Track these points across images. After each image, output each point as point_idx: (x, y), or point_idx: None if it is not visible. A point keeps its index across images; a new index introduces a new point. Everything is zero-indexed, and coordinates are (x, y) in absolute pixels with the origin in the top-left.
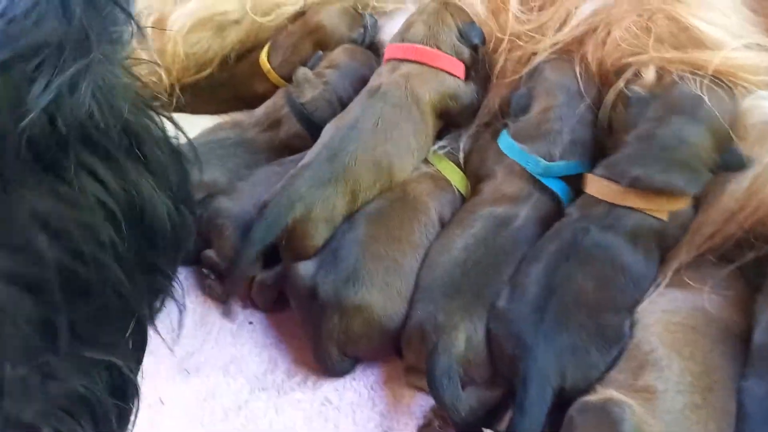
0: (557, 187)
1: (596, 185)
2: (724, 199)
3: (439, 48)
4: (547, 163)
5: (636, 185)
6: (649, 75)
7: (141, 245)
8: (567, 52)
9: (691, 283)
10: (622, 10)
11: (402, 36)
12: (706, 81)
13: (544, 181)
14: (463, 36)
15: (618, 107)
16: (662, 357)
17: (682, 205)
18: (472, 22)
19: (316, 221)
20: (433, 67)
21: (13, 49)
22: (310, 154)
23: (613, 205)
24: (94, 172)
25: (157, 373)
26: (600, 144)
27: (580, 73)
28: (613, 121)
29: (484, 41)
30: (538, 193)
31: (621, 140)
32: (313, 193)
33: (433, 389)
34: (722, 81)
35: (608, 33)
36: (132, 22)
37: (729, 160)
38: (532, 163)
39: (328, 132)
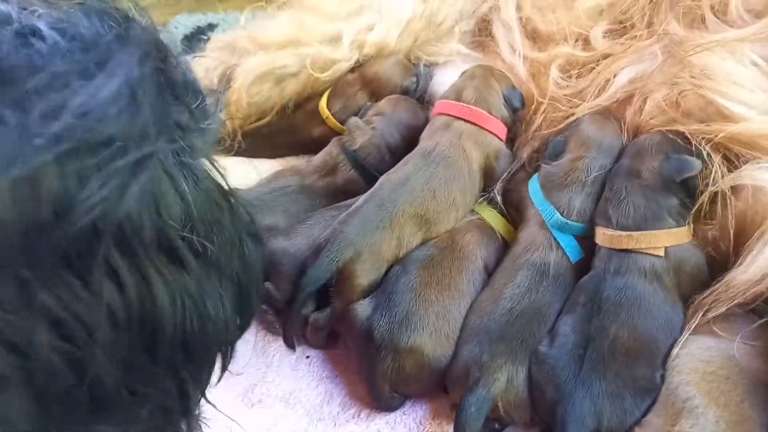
0: (566, 243)
1: (598, 234)
2: (760, 260)
3: (489, 111)
4: (562, 218)
5: (618, 226)
6: None
7: (144, 348)
8: (606, 110)
9: (721, 333)
10: (656, 82)
11: (456, 96)
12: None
13: (555, 234)
14: (506, 100)
15: None
16: (699, 405)
17: (676, 240)
18: (514, 87)
19: (363, 263)
20: (483, 128)
21: (77, 143)
22: (360, 202)
23: (614, 250)
24: (116, 275)
25: (226, 403)
26: None
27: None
28: None
29: (524, 105)
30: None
31: None
32: (361, 239)
33: (459, 412)
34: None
35: (644, 102)
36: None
37: (675, 167)
38: (548, 214)
39: (379, 182)
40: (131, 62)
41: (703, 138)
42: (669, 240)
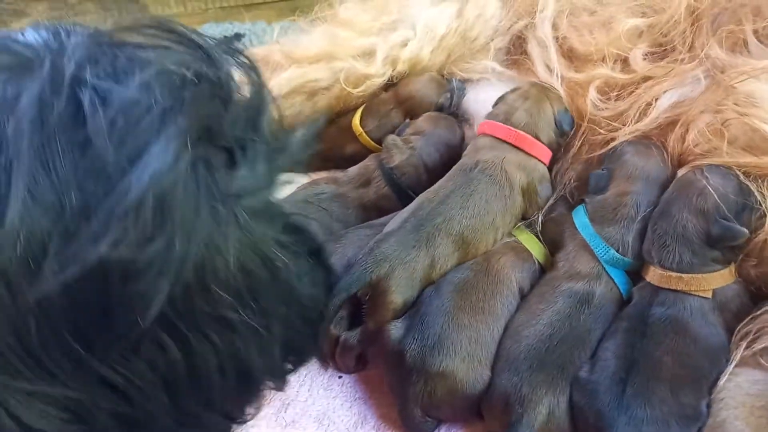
0: (618, 277)
1: (649, 272)
2: None
3: (537, 136)
4: (618, 255)
5: (664, 266)
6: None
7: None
8: (647, 138)
9: None
10: (699, 109)
11: (505, 117)
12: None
13: (607, 269)
14: (556, 123)
15: None
16: None
17: (723, 282)
18: (566, 110)
19: (398, 279)
20: (529, 154)
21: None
22: (397, 220)
23: (662, 288)
24: (162, 345)
25: (258, 424)
26: None
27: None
28: None
29: (573, 128)
30: (607, 274)
31: None
32: (397, 255)
33: None
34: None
35: (686, 130)
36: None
37: (720, 234)
38: (602, 249)
39: (417, 201)
40: (164, 156)
41: (760, 176)
42: (717, 282)
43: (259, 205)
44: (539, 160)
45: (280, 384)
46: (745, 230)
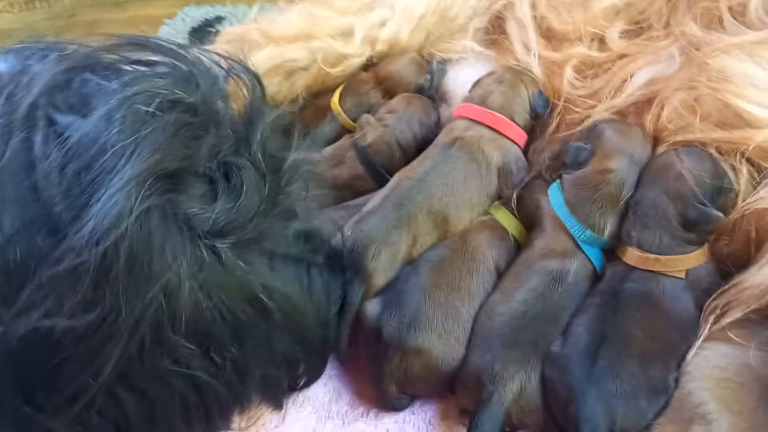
0: (594, 255)
1: (626, 253)
2: None
3: (512, 118)
4: (594, 235)
5: (643, 248)
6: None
7: None
8: (622, 116)
9: (737, 339)
10: (673, 86)
11: (481, 100)
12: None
13: (582, 247)
14: (531, 106)
15: None
16: (711, 411)
17: (696, 262)
18: (540, 92)
19: (382, 263)
20: (503, 134)
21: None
22: (376, 199)
23: (637, 269)
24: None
25: None
26: None
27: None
28: None
29: (547, 109)
30: (582, 252)
31: None
32: (381, 238)
33: (472, 428)
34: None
35: (661, 107)
36: None
37: (696, 218)
38: (577, 229)
39: (395, 180)
40: (110, 210)
41: (732, 151)
42: (691, 263)
43: (250, 234)
44: (514, 142)
45: (276, 407)
46: (721, 215)
